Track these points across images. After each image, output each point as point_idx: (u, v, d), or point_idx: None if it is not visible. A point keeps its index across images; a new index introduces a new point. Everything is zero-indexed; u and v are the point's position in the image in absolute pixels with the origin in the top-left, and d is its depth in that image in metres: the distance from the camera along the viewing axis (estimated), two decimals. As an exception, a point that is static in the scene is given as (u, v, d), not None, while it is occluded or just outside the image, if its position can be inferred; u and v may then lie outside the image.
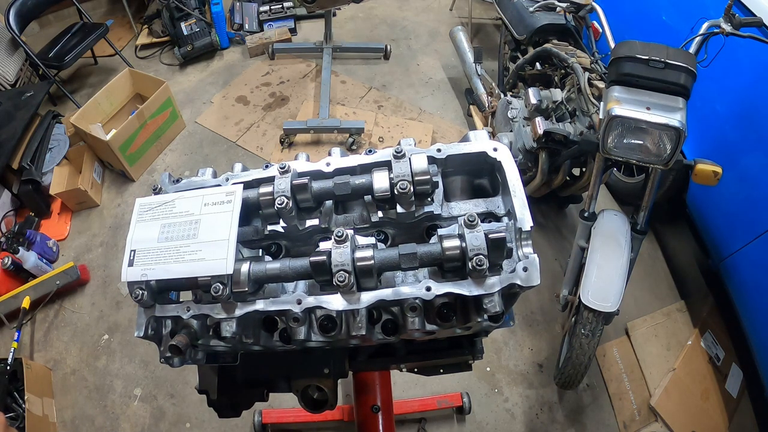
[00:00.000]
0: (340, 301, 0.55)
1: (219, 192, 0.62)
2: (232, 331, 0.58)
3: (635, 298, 2.05)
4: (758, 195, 1.67)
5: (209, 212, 0.60)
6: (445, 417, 1.77)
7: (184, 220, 0.61)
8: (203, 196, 0.62)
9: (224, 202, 0.61)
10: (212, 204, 0.61)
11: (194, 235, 0.59)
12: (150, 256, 0.59)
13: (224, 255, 0.56)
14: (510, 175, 0.59)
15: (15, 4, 2.69)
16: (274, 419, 1.67)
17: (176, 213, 0.62)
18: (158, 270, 0.58)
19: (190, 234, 0.59)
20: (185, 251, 0.58)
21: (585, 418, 1.77)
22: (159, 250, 0.59)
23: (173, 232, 0.60)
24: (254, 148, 2.73)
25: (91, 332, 2.04)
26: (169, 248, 0.59)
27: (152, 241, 0.60)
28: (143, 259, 0.59)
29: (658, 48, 1.32)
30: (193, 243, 0.58)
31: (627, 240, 1.50)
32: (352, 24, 3.60)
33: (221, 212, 0.60)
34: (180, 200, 0.63)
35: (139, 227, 0.62)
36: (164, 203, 0.63)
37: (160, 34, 3.41)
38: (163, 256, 0.58)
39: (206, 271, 0.56)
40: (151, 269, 0.58)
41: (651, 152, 1.36)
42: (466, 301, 0.57)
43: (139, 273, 0.58)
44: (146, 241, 0.60)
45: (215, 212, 0.60)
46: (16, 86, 2.77)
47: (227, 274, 0.55)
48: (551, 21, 2.08)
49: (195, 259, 0.57)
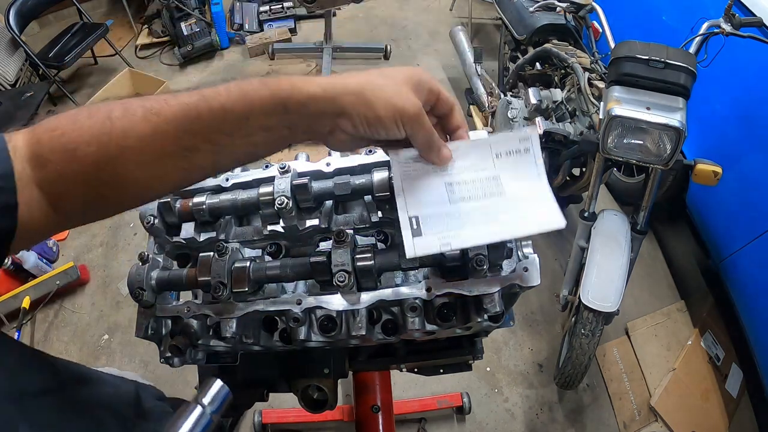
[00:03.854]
0: (340, 301, 0.55)
1: (511, 139, 0.51)
2: (232, 331, 0.58)
3: (635, 298, 2.05)
4: (758, 195, 1.67)
5: (506, 164, 0.51)
6: (445, 417, 1.77)
7: (479, 177, 0.50)
8: (490, 146, 0.51)
9: (520, 150, 0.51)
10: (506, 154, 0.51)
11: (500, 192, 0.50)
12: (444, 222, 0.49)
13: (550, 208, 0.48)
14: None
15: (15, 4, 2.69)
16: (274, 419, 1.67)
17: (461, 167, 0.51)
18: (467, 235, 0.48)
19: (494, 191, 0.50)
20: (497, 210, 0.49)
21: (585, 418, 1.77)
22: (457, 213, 0.49)
23: (469, 191, 0.50)
24: (254, 148, 2.73)
25: (91, 332, 2.04)
26: (472, 210, 0.49)
27: (439, 204, 0.50)
28: (435, 226, 0.49)
29: (658, 48, 1.32)
30: (502, 201, 0.49)
31: (627, 240, 1.51)
32: (352, 24, 3.60)
33: (521, 163, 0.50)
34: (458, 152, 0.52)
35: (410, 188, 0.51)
36: None
37: (160, 34, 3.41)
38: (466, 218, 0.49)
39: (537, 229, 0.48)
40: (454, 236, 0.48)
41: (651, 152, 1.36)
42: (466, 301, 0.57)
43: (438, 243, 0.48)
44: (429, 205, 0.50)
45: (513, 163, 0.51)
46: (16, 86, 2.77)
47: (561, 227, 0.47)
48: (551, 21, 2.08)
49: (514, 218, 0.48)
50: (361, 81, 0.44)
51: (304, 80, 0.43)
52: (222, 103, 0.41)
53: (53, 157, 0.40)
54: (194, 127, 0.42)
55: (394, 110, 0.43)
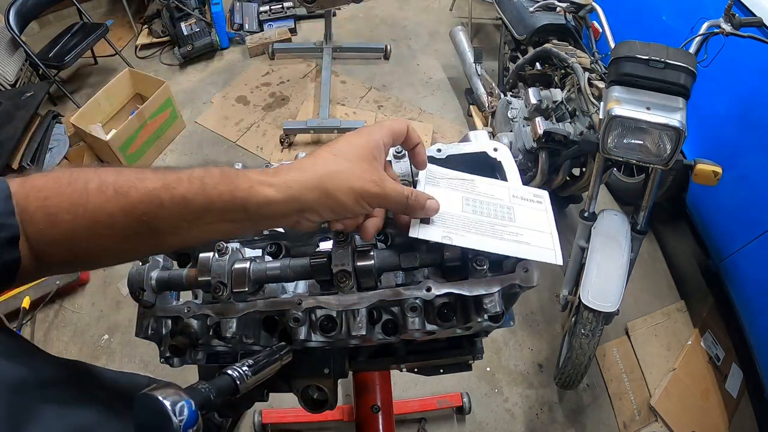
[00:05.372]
0: (340, 301, 0.55)
1: (526, 190, 0.58)
2: (232, 331, 0.58)
3: (635, 298, 2.05)
4: (758, 195, 1.67)
5: (520, 204, 0.56)
6: (445, 417, 1.77)
7: (494, 202, 0.56)
8: (508, 187, 0.58)
9: (533, 200, 0.57)
10: (521, 198, 0.57)
11: (511, 219, 0.54)
12: (454, 222, 0.53)
13: (551, 246, 0.52)
14: (510, 175, 0.59)
15: (15, 4, 2.69)
16: (274, 419, 1.67)
17: (480, 192, 0.57)
18: (469, 238, 0.52)
19: (506, 216, 0.55)
20: (502, 230, 0.53)
21: (585, 418, 1.77)
22: (467, 220, 0.54)
23: (482, 209, 0.55)
24: (254, 148, 2.73)
25: (91, 332, 2.04)
26: (480, 222, 0.54)
27: (454, 209, 0.54)
28: (445, 222, 0.53)
29: (658, 48, 1.32)
30: (511, 225, 0.54)
31: (627, 240, 1.51)
32: (352, 24, 3.60)
33: (533, 209, 0.56)
34: (481, 182, 0.58)
35: (430, 191, 0.55)
36: (461, 179, 0.58)
37: (160, 34, 3.40)
38: (472, 226, 0.53)
39: (534, 256, 0.52)
40: (458, 235, 0.52)
41: (651, 152, 1.36)
42: (466, 301, 0.57)
43: (440, 234, 0.52)
44: (444, 206, 0.54)
45: (526, 206, 0.56)
46: (16, 86, 2.77)
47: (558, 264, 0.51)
48: (551, 21, 2.08)
49: (518, 241, 0.52)
50: (318, 172, 0.44)
51: (261, 180, 0.44)
52: (183, 194, 0.43)
53: (36, 217, 0.42)
54: (158, 213, 0.43)
55: (356, 195, 0.45)
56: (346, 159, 0.45)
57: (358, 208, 0.46)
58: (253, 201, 0.43)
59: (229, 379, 0.44)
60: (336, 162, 0.45)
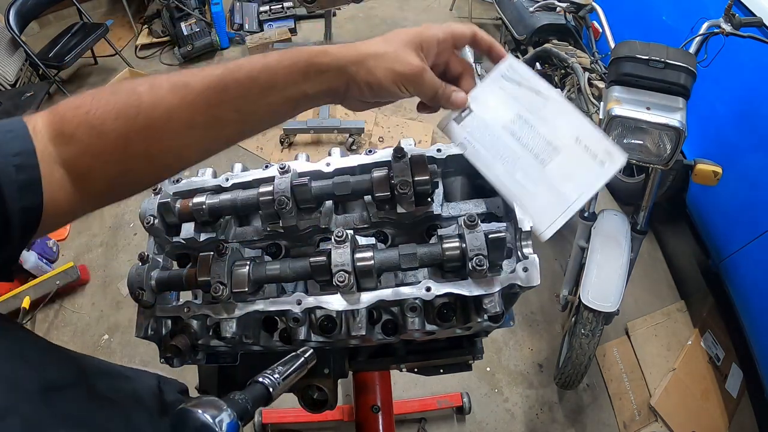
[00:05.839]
0: (340, 301, 0.55)
1: (599, 142, 0.48)
2: (232, 331, 0.58)
3: (635, 298, 2.05)
4: (758, 195, 1.67)
5: (575, 152, 0.47)
6: (445, 417, 1.77)
7: (545, 134, 0.48)
8: (579, 130, 0.48)
9: (596, 157, 0.47)
10: (584, 147, 0.47)
11: (544, 161, 0.47)
12: (484, 133, 0.49)
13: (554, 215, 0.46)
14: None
15: (15, 4, 2.69)
16: (274, 419, 1.67)
17: (542, 116, 0.49)
18: (483, 156, 0.48)
19: (543, 157, 0.48)
20: (521, 167, 0.47)
21: (585, 418, 1.77)
22: (498, 138, 0.49)
23: (526, 136, 0.48)
24: (254, 148, 2.73)
25: (91, 332, 2.04)
26: (509, 148, 0.48)
27: (497, 120, 0.49)
28: (476, 130, 0.49)
29: (658, 48, 1.32)
30: (536, 169, 0.47)
31: (627, 240, 1.50)
32: (352, 24, 3.60)
33: (585, 166, 0.47)
34: (554, 105, 0.49)
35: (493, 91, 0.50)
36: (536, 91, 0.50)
37: (160, 34, 3.41)
38: (497, 148, 0.48)
39: (525, 211, 0.48)
40: (475, 147, 0.49)
41: (651, 152, 1.36)
42: (466, 301, 0.57)
43: (463, 136, 0.49)
44: (490, 111, 0.50)
45: (580, 158, 0.47)
46: (16, 86, 2.77)
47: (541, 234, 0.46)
48: (551, 21, 2.08)
49: (525, 188, 0.47)
50: (365, 51, 0.47)
51: (318, 52, 0.47)
52: (247, 74, 0.45)
53: (78, 133, 0.41)
54: (222, 98, 0.44)
55: (393, 75, 0.47)
56: (393, 44, 0.48)
57: (394, 89, 0.48)
58: (312, 70, 0.46)
59: (263, 388, 0.45)
60: (384, 45, 0.48)
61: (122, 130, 0.42)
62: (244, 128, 0.48)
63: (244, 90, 0.45)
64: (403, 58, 0.47)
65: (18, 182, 0.38)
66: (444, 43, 0.50)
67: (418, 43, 0.48)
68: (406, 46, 0.48)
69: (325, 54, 0.47)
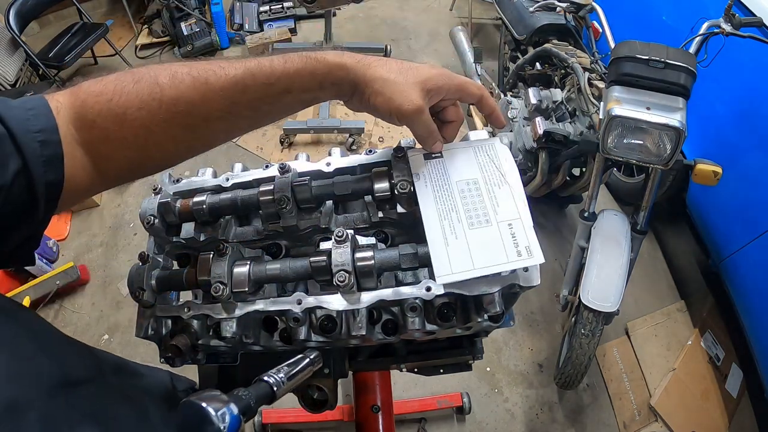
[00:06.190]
0: (340, 301, 0.55)
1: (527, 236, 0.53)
2: (232, 331, 0.58)
3: (635, 298, 2.05)
4: (758, 195, 1.67)
5: (503, 233, 0.52)
6: (445, 417, 1.77)
7: (487, 205, 0.54)
8: (517, 219, 0.53)
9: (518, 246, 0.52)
10: (512, 234, 0.52)
11: (472, 225, 0.52)
12: (440, 178, 0.55)
13: (455, 271, 0.50)
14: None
15: (15, 4, 2.69)
16: (274, 419, 1.67)
17: (493, 192, 0.55)
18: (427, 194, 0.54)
19: (474, 221, 0.53)
20: (451, 220, 0.53)
21: (585, 418, 1.77)
22: (447, 187, 0.55)
23: (470, 199, 0.54)
24: (254, 148, 2.73)
25: (91, 332, 2.04)
26: (451, 199, 0.54)
27: (455, 174, 0.56)
28: (435, 171, 0.56)
29: (658, 48, 1.32)
30: (463, 227, 0.52)
31: (627, 240, 1.51)
32: (352, 24, 3.60)
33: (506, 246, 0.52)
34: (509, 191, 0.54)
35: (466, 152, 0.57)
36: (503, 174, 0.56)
37: (160, 34, 3.40)
38: (442, 195, 0.54)
39: (433, 256, 0.51)
40: (426, 184, 0.55)
41: (651, 152, 1.36)
42: (466, 301, 0.57)
43: (422, 170, 0.56)
44: (454, 165, 0.56)
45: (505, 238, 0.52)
46: (16, 86, 2.76)
47: (437, 278, 0.50)
48: (551, 21, 2.08)
49: (444, 237, 0.52)
50: (378, 74, 0.49)
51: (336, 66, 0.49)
52: (266, 78, 0.47)
53: (100, 120, 0.42)
54: (240, 99, 0.47)
55: (390, 107, 0.49)
56: (407, 76, 0.50)
57: (386, 117, 0.51)
58: (330, 78, 0.49)
59: (267, 386, 0.46)
60: (397, 74, 0.50)
61: (144, 121, 0.43)
62: (256, 122, 0.52)
63: (261, 93, 0.47)
64: (407, 94, 0.49)
65: (43, 157, 0.39)
66: (452, 94, 0.53)
67: (430, 87, 0.50)
68: (416, 84, 0.49)
69: (341, 68, 0.49)
